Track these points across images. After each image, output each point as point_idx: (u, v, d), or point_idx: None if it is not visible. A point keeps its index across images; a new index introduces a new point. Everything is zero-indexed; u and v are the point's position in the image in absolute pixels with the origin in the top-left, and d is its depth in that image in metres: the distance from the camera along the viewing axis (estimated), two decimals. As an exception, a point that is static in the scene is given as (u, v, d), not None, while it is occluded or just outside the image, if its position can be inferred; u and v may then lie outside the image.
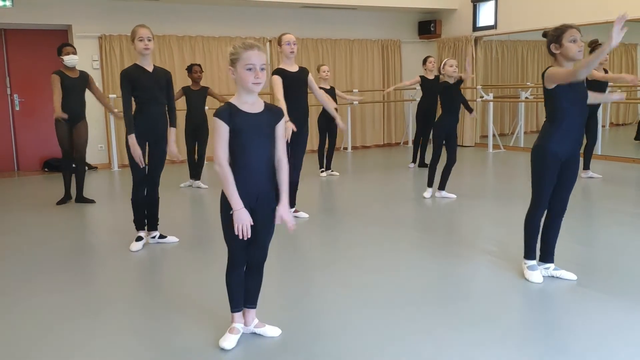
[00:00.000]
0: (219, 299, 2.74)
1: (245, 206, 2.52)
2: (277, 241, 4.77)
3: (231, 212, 2.52)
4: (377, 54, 10.89)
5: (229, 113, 2.48)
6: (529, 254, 3.51)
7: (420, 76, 7.89)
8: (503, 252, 4.07)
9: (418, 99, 8.29)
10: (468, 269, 3.78)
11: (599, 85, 6.28)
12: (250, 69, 2.45)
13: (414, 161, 8.18)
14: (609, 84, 6.76)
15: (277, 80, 4.81)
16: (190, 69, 6.86)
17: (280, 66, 4.94)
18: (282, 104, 4.74)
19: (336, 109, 6.07)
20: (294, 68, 4.95)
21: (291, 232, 2.55)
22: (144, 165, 4.26)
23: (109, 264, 4.13)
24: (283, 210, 2.60)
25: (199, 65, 6.92)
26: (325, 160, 7.68)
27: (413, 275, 3.69)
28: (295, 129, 4.71)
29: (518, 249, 3.61)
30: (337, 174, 7.72)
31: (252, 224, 2.54)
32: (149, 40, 4.14)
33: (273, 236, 2.73)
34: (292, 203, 5.26)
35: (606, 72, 6.47)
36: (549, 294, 3.31)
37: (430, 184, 6.00)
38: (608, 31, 2.73)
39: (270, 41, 9.69)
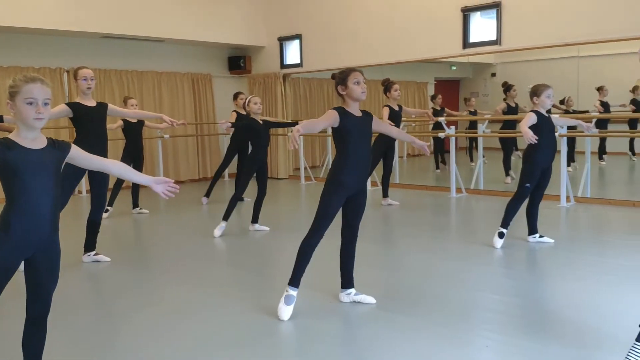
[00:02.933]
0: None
1: (25, 254, 2.26)
2: (75, 285, 4.36)
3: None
4: (188, 88, 10.72)
5: (3, 146, 2.21)
6: (294, 281, 3.42)
7: (234, 111, 7.91)
8: (314, 283, 4.13)
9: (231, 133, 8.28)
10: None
11: (395, 121, 6.89)
12: (31, 103, 2.24)
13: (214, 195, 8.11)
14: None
15: (60, 106, 4.60)
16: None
17: (77, 100, 4.69)
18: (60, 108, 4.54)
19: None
20: (91, 103, 4.74)
21: None
22: None
23: None
24: None
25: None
26: (132, 196, 7.31)
27: (221, 314, 3.57)
28: None
29: (331, 279, 3.68)
30: (147, 211, 7.34)
31: None
32: None
33: (68, 282, 2.43)
34: (92, 246, 4.89)
35: (401, 108, 7.10)
36: (353, 320, 3.43)
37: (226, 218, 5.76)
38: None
39: (67, 72, 8.98)
